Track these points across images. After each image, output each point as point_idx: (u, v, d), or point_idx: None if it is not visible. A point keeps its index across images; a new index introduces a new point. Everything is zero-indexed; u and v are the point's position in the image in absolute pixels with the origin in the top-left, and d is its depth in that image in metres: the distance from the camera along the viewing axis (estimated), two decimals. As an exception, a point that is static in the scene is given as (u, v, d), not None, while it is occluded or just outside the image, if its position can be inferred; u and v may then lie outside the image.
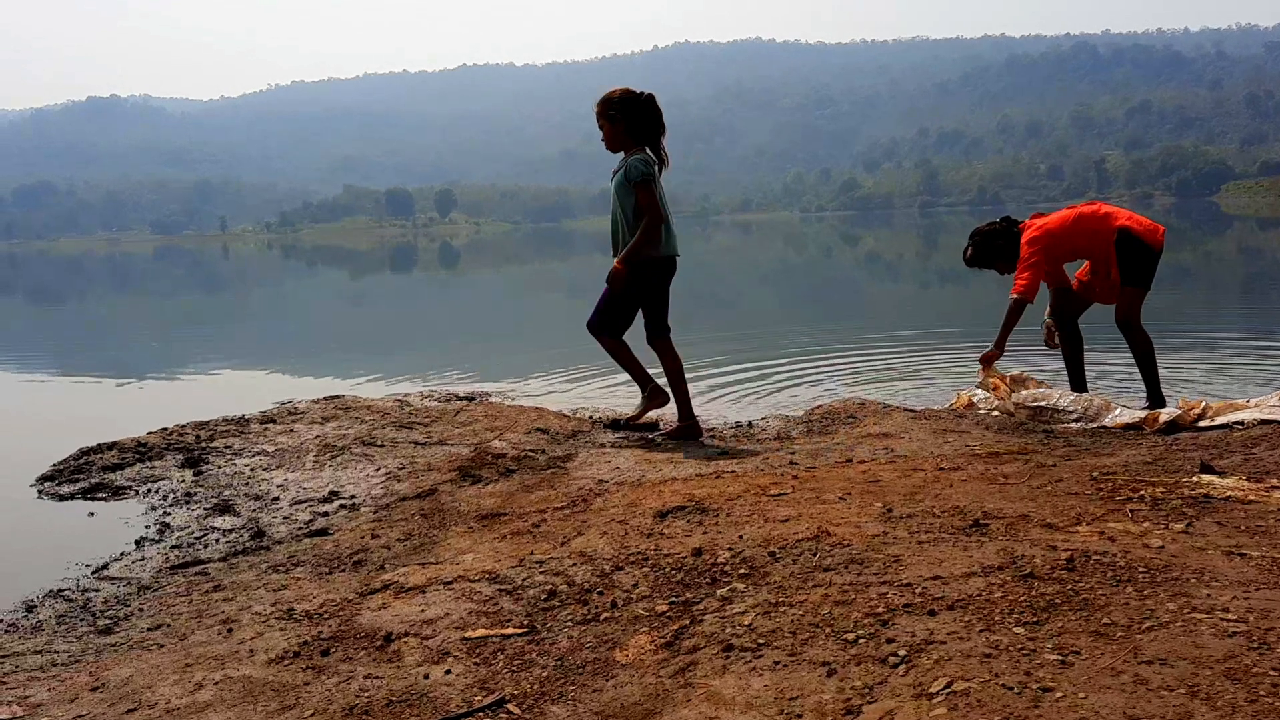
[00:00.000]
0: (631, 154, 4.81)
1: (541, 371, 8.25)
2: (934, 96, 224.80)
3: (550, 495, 3.81)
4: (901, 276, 23.25)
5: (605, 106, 4.86)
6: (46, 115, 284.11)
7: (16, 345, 13.90)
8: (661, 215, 4.80)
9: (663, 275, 4.96)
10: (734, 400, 6.68)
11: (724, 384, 7.26)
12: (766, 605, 2.17)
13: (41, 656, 2.55)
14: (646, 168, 4.74)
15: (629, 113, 4.81)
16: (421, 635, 2.32)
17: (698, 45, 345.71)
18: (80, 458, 4.98)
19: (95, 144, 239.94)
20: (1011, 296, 5.17)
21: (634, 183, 4.75)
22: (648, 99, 4.85)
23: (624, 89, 4.92)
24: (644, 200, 4.75)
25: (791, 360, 8.35)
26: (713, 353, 9.05)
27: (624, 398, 6.85)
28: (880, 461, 3.92)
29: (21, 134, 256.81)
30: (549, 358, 9.14)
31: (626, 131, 4.82)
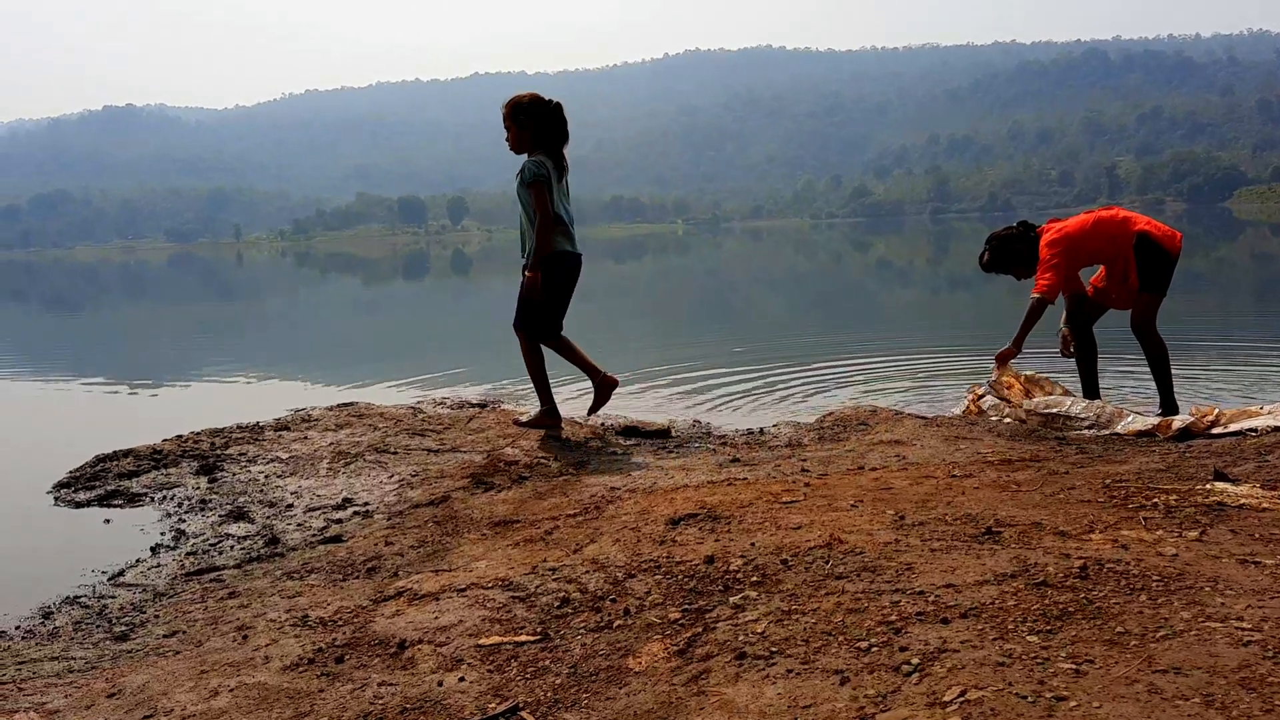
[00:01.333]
0: (532, 157, 4.96)
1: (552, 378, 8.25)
2: (944, 103, 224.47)
3: (562, 502, 3.82)
4: (912, 283, 23.21)
5: (514, 110, 5.00)
6: (64, 125, 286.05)
7: (33, 353, 13.98)
8: (550, 213, 4.93)
9: (567, 271, 5.13)
10: (744, 407, 6.68)
11: (734, 391, 7.26)
12: (779, 613, 2.17)
13: (58, 663, 2.57)
14: (538, 169, 4.88)
15: (535, 118, 4.96)
16: (435, 642, 2.33)
17: (708, 53, 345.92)
18: (96, 465, 5.01)
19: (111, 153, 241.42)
20: (1033, 296, 5.17)
21: (526, 184, 4.90)
22: (555, 107, 5.01)
23: (533, 95, 5.05)
24: (536, 200, 4.89)
25: (802, 367, 8.34)
26: (723, 359, 9.06)
27: (638, 407, 6.86)
28: (892, 469, 3.91)
29: (39, 143, 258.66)
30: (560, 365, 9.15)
31: (531, 137, 4.96)
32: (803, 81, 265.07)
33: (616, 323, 15.28)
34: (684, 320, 15.22)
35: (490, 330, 14.74)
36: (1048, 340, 6.01)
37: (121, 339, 16.30)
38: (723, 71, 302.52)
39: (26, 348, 14.91)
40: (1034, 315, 5.19)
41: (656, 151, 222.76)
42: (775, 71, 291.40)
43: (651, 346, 10.92)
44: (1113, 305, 5.45)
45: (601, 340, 12.37)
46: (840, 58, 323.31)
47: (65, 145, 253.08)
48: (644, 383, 7.85)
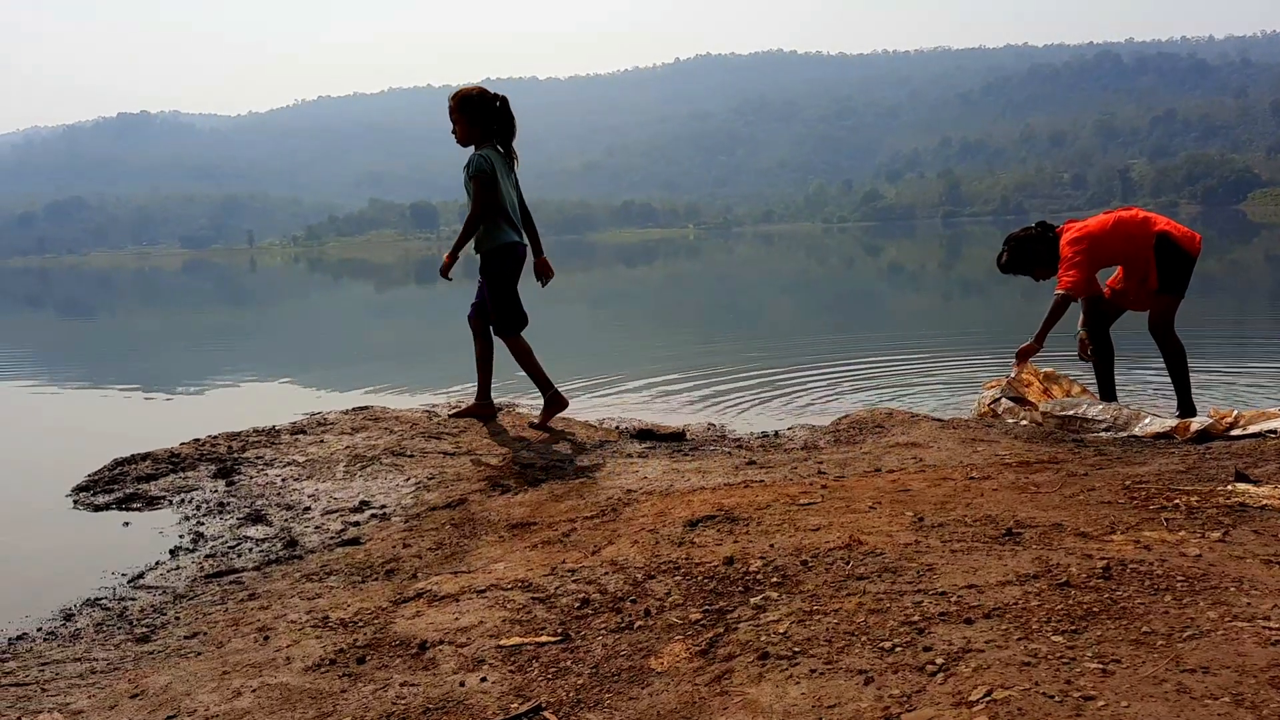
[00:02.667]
0: (480, 150, 5.03)
1: (566, 382, 8.27)
2: (956, 107, 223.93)
3: (579, 505, 3.82)
4: (924, 286, 23.16)
5: (461, 104, 5.06)
6: (78, 132, 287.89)
7: (49, 358, 14.07)
8: (485, 210, 5.01)
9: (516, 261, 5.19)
10: (758, 410, 6.67)
11: (748, 394, 7.26)
12: (801, 613, 2.16)
13: (81, 664, 2.58)
14: (484, 164, 4.96)
15: (483, 112, 5.03)
16: (456, 643, 2.33)
17: (719, 57, 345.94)
18: (114, 468, 5.03)
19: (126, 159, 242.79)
20: (1056, 292, 5.15)
21: (473, 175, 4.98)
22: (502, 102, 5.08)
23: (479, 88, 5.13)
24: (477, 193, 4.98)
25: (815, 370, 8.34)
26: (736, 363, 9.05)
27: (652, 410, 6.86)
28: (909, 471, 3.90)
29: (54, 150, 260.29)
30: (573, 369, 9.16)
31: (481, 131, 5.04)
32: (814, 85, 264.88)
33: (629, 327, 15.29)
34: (696, 324, 15.22)
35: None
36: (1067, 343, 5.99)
37: (137, 344, 16.38)
38: (734, 76, 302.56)
39: (43, 353, 15.00)
40: (1057, 312, 5.18)
41: (668, 156, 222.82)
42: (786, 76, 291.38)
43: (664, 350, 10.92)
44: (1130, 307, 5.42)
45: (615, 344, 12.38)
46: (851, 61, 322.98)
47: (80, 152, 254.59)
48: (658, 386, 7.86)
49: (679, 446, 5.14)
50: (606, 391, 7.76)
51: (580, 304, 21.66)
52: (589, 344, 12.56)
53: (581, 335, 13.91)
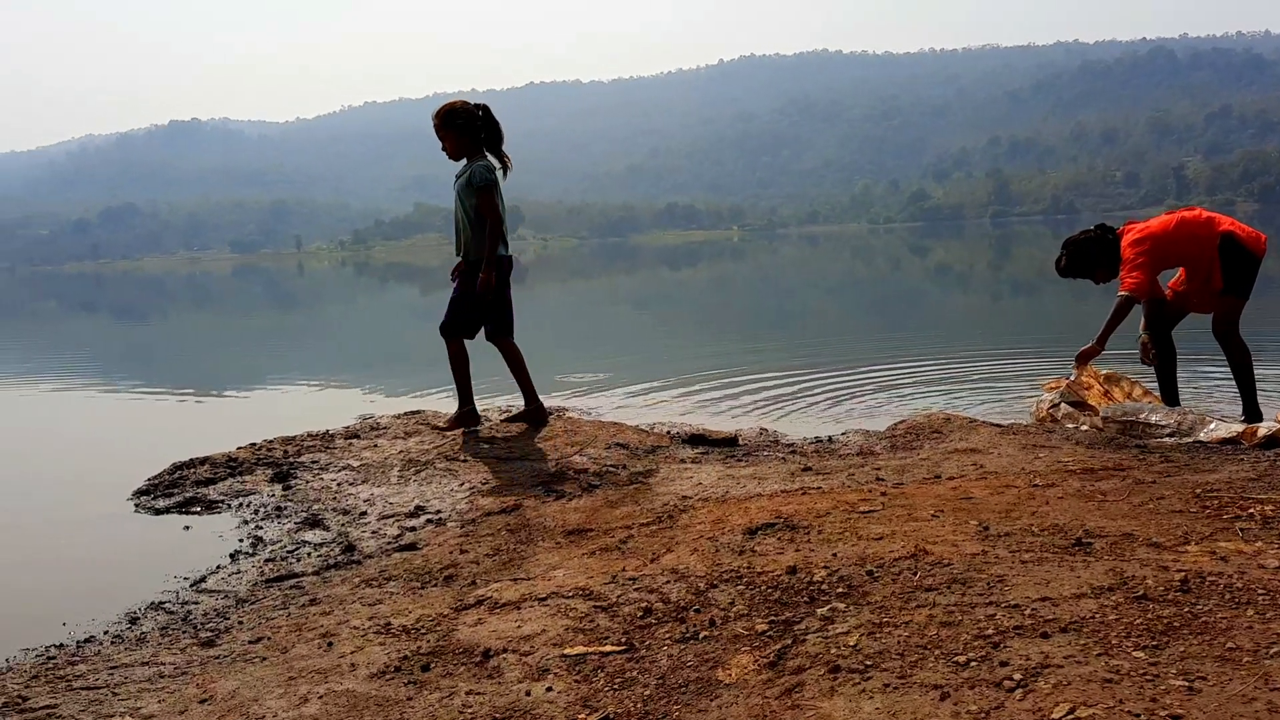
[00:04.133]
0: (475, 160, 5.10)
1: (613, 386, 8.28)
2: (1005, 105, 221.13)
3: (635, 511, 3.80)
4: (973, 288, 22.89)
5: (448, 118, 5.13)
6: (131, 140, 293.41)
7: (105, 362, 14.34)
8: (502, 219, 5.15)
9: (505, 274, 5.29)
10: (809, 414, 6.62)
11: (797, 397, 7.21)
12: (870, 626, 2.13)
13: (149, 668, 2.61)
14: (490, 174, 5.06)
15: (469, 123, 5.11)
16: (520, 651, 2.32)
17: (764, 58, 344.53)
18: (174, 472, 5.10)
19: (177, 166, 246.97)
20: (1120, 294, 5.06)
21: (477, 187, 5.04)
22: (485, 111, 5.16)
23: (461, 102, 5.22)
24: (486, 205, 5.05)
25: (863, 373, 8.27)
26: (784, 366, 9.00)
27: (702, 414, 6.83)
28: (970, 478, 3.84)
29: (108, 158, 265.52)
30: (620, 373, 9.17)
31: (471, 141, 5.12)
32: (859, 85, 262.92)
33: (673, 330, 15.27)
34: (741, 327, 15.16)
35: (547, 338, 14.81)
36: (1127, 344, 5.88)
37: (189, 348, 16.65)
38: (778, 76, 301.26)
39: (100, 358, 15.29)
40: (1120, 314, 5.08)
41: (711, 158, 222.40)
42: (831, 76, 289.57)
43: (710, 353, 10.88)
44: (1193, 309, 5.30)
45: (659, 347, 12.36)
46: (897, 60, 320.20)
47: (133, 160, 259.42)
48: (705, 390, 7.83)
49: (732, 452, 5.10)
50: (652, 395, 7.75)
51: (624, 307, 21.67)
52: (634, 347, 12.56)
53: (626, 338, 13.91)
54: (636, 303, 22.85)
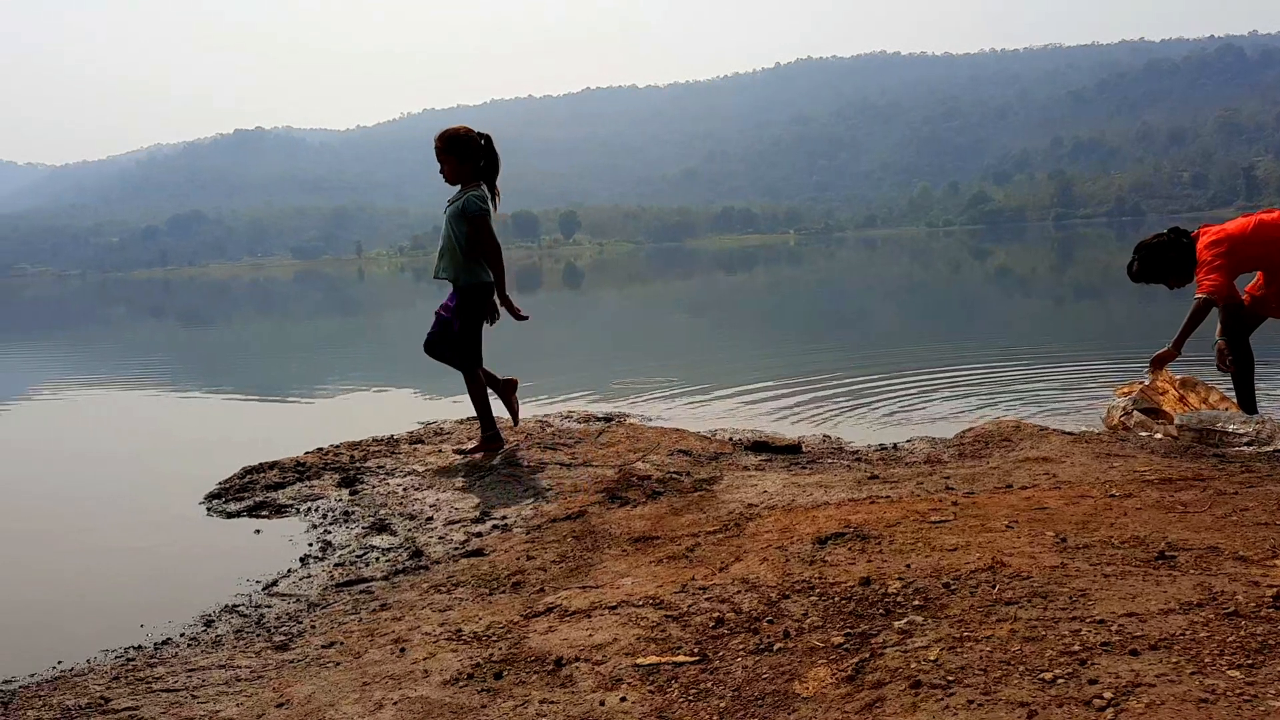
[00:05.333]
0: (469, 189, 5.13)
1: (671, 392, 8.27)
2: (1068, 105, 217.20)
3: (700, 519, 3.78)
4: (1035, 292, 22.50)
5: (450, 143, 5.15)
6: (198, 148, 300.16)
7: (173, 366, 14.65)
8: (499, 246, 5.21)
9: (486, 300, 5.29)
10: (871, 421, 6.55)
11: (859, 403, 7.13)
12: (950, 640, 2.09)
13: (225, 671, 2.65)
14: (484, 204, 5.10)
15: (470, 150, 5.13)
16: (592, 660, 2.31)
17: (821, 61, 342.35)
18: (244, 476, 5.19)
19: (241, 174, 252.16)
20: (1197, 296, 4.93)
21: (472, 216, 5.08)
22: (486, 140, 5.19)
23: (465, 128, 5.21)
24: (485, 234, 5.11)
25: (925, 379, 8.17)
26: (843, 371, 8.92)
27: (761, 420, 6.79)
28: (1043, 488, 3.76)
29: (176, 166, 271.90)
30: (677, 378, 9.16)
31: (471, 168, 5.15)
32: (918, 87, 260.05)
33: (730, 335, 15.21)
34: (799, 332, 15.05)
35: (604, 343, 14.83)
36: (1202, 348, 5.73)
37: (254, 352, 16.96)
38: (836, 79, 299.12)
39: (167, 362, 15.63)
40: (1197, 316, 4.96)
41: (768, 162, 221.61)
42: (890, 77, 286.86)
43: (767, 358, 10.83)
44: (1272, 314, 5.15)
45: (716, 353, 12.32)
46: (958, 61, 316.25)
47: (200, 168, 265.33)
48: (764, 395, 7.79)
49: (795, 459, 5.06)
50: (709, 401, 7.73)
51: (680, 312, 21.65)
52: (690, 352, 12.53)
53: (682, 344, 13.89)
54: (693, 308, 22.81)
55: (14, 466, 6.88)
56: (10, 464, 7.01)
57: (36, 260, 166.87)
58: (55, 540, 4.66)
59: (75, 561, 4.26)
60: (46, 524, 5.02)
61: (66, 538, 4.69)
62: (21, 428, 8.74)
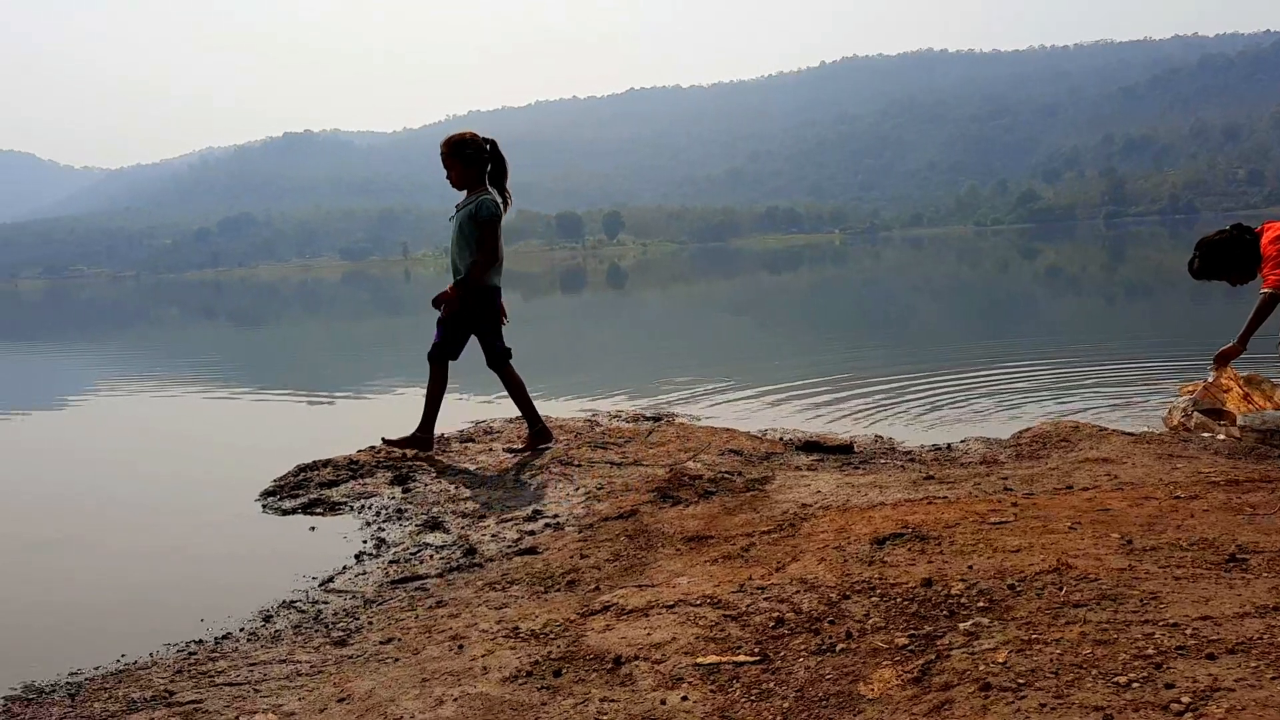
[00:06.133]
0: (478, 192, 5.19)
1: (718, 391, 8.24)
2: (1119, 102, 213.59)
3: (754, 519, 3.76)
4: (1086, 290, 22.15)
5: (456, 149, 5.21)
6: (248, 151, 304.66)
7: (225, 366, 14.87)
8: (498, 253, 5.24)
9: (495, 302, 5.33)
10: (923, 421, 6.49)
11: (909, 404, 7.07)
12: (1019, 642, 2.05)
13: (286, 666, 2.67)
14: (495, 209, 5.16)
15: (476, 155, 5.19)
16: (651, 659, 2.30)
17: (866, 59, 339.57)
18: (299, 474, 5.24)
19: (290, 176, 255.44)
20: (1263, 291, 4.82)
21: (483, 220, 5.12)
22: (492, 145, 5.26)
23: (470, 133, 5.27)
24: (488, 237, 5.14)
25: (975, 378, 8.08)
26: (891, 371, 8.84)
27: (811, 420, 6.74)
28: (1104, 489, 3.69)
29: (227, 169, 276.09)
30: (724, 378, 9.13)
31: (477, 173, 5.20)
32: (966, 84, 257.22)
33: (775, 334, 15.13)
34: (845, 331, 14.94)
35: (648, 342, 14.82)
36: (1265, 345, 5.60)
37: (304, 352, 17.17)
38: (881, 77, 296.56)
39: (220, 362, 15.87)
40: (1263, 312, 4.84)
41: (813, 161, 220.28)
42: (936, 75, 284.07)
43: (813, 358, 10.76)
44: None
45: (761, 352, 12.26)
46: (1006, 58, 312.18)
47: (250, 170, 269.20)
48: (811, 395, 7.74)
49: (848, 459, 5.02)
50: (757, 400, 7.70)
51: (725, 312, 21.58)
52: (736, 352, 12.48)
53: (728, 343, 13.84)
54: (737, 307, 22.74)
55: (75, 466, 7.01)
56: (71, 463, 7.15)
57: (93, 262, 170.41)
58: (115, 537, 4.74)
59: (135, 558, 4.33)
60: (106, 521, 5.11)
61: (126, 534, 4.77)
62: (80, 427, 8.91)
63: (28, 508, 5.52)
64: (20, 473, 6.75)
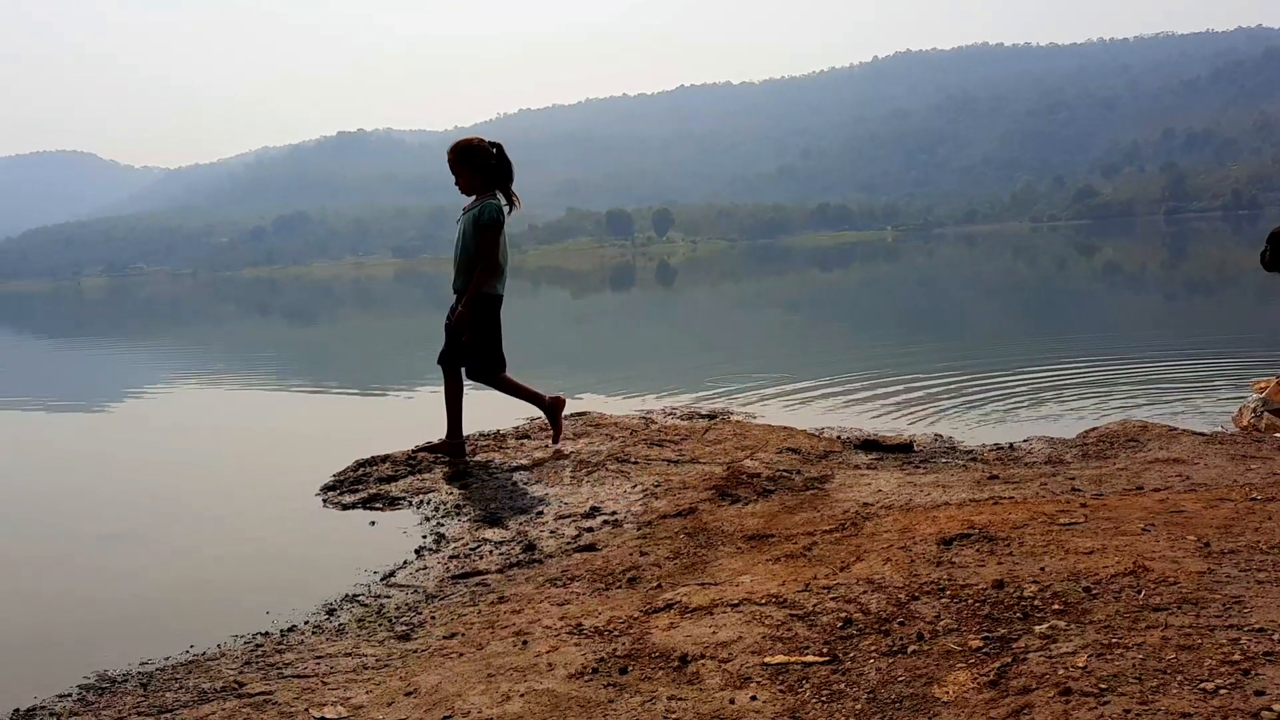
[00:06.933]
0: (485, 198, 5.18)
1: (771, 388, 8.19)
2: (1181, 95, 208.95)
3: (814, 517, 3.72)
4: (1145, 287, 21.72)
5: (462, 155, 5.20)
6: (303, 150, 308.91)
7: (282, 362, 15.09)
8: (498, 261, 5.22)
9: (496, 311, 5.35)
10: (984, 419, 6.39)
11: (966, 402, 6.97)
12: (1098, 646, 2.00)
13: (351, 659, 2.69)
14: (498, 215, 5.16)
15: (483, 160, 5.17)
16: (718, 658, 2.28)
17: (920, 54, 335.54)
18: (357, 469, 5.29)
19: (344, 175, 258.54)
20: None
21: (484, 225, 5.12)
22: (498, 149, 5.25)
23: (477, 139, 5.29)
24: (487, 243, 5.15)
25: (1033, 376, 7.95)
26: (944, 369, 8.74)
27: (867, 419, 6.68)
28: (1177, 490, 3.60)
29: (282, 169, 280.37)
30: (775, 374, 9.08)
31: (483, 179, 5.20)
32: (1022, 79, 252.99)
33: (827, 331, 15.02)
34: (898, 328, 14.79)
35: (698, 339, 14.78)
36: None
37: (359, 348, 17.37)
38: (935, 72, 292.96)
39: (277, 358, 16.11)
40: None
41: (865, 157, 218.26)
42: (992, 70, 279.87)
43: (866, 356, 10.66)
44: None
45: (813, 349, 12.17)
46: (1063, 52, 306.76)
47: (304, 169, 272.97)
48: (865, 393, 7.67)
49: (908, 458, 4.96)
50: (810, 398, 7.65)
51: (776, 309, 21.47)
52: (787, 349, 12.41)
53: (779, 340, 13.76)
54: (788, 305, 22.61)
55: (140, 460, 7.15)
56: (137, 457, 7.29)
57: (152, 260, 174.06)
58: (179, 529, 4.82)
59: (199, 550, 4.39)
60: (170, 513, 5.19)
61: (189, 527, 4.85)
62: (145, 422, 9.09)
63: (96, 501, 5.64)
64: (89, 467, 6.89)
